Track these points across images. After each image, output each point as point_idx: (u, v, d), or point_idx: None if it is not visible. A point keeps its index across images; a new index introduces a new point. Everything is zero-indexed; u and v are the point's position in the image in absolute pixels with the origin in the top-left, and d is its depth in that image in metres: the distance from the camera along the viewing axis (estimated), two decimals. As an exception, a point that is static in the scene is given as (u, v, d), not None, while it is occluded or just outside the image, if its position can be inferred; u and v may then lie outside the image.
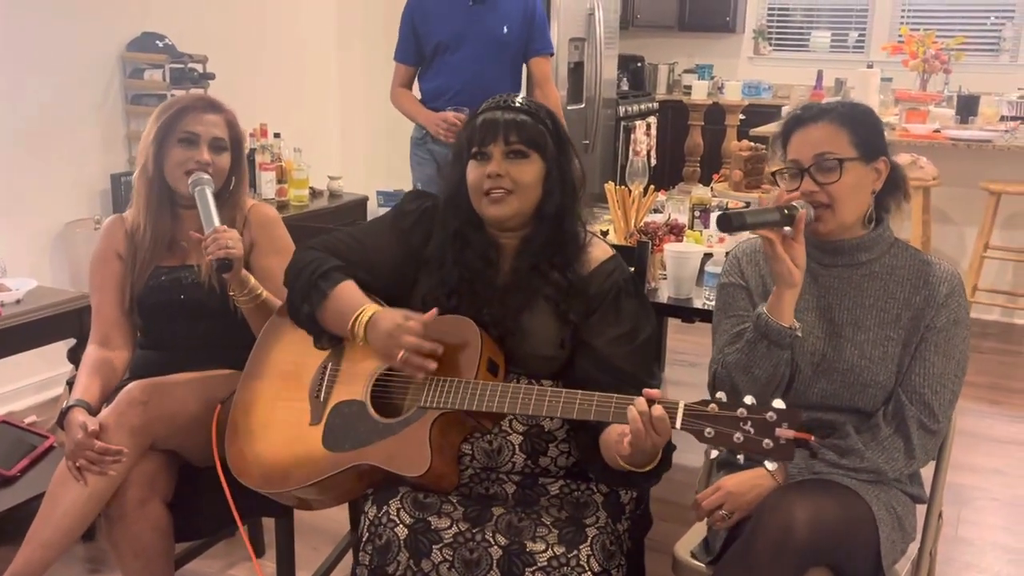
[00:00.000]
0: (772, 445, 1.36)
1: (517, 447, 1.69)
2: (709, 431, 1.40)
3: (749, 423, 1.38)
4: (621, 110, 6.30)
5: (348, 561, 2.25)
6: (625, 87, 6.82)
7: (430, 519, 1.59)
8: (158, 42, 3.80)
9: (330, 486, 1.68)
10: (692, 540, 1.83)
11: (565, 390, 1.57)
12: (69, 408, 1.86)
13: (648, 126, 5.30)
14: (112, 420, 1.80)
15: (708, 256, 2.42)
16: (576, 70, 5.62)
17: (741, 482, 1.68)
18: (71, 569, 2.48)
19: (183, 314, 2.04)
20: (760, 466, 1.66)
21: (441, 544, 1.57)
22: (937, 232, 4.79)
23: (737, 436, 1.38)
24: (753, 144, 3.55)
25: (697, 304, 2.36)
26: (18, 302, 2.56)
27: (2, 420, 2.53)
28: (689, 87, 5.28)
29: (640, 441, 1.43)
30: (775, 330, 1.62)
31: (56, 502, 1.78)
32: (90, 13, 3.63)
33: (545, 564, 1.53)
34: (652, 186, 2.74)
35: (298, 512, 1.95)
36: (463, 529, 1.58)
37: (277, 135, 4.20)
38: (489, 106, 1.74)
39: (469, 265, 1.74)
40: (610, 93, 6.12)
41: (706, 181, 3.74)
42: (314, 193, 4.32)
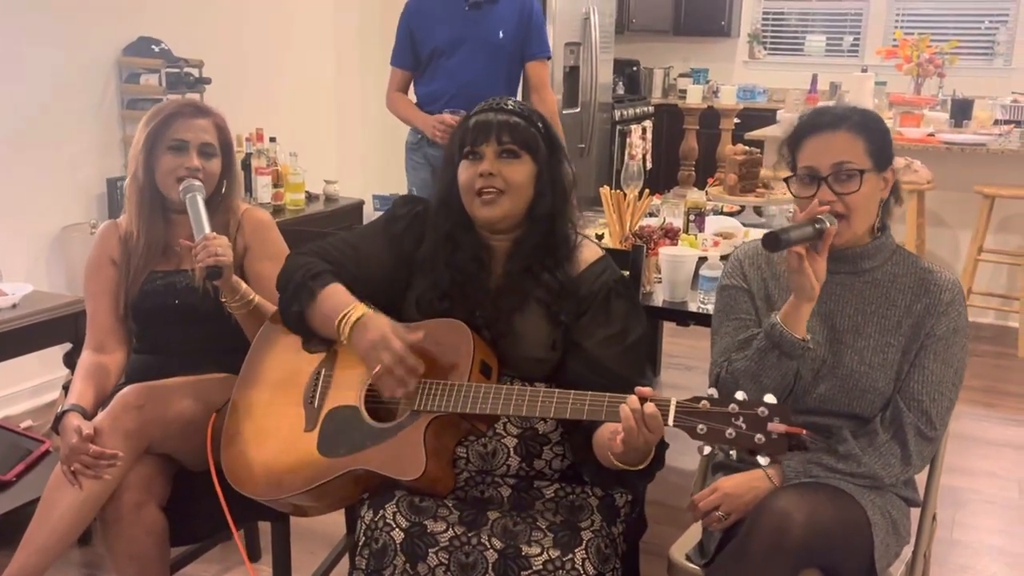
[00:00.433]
0: (764, 440, 1.37)
1: (512, 450, 1.69)
2: (701, 427, 1.40)
3: (741, 418, 1.38)
4: (616, 114, 6.32)
5: (344, 565, 2.26)
6: (620, 91, 6.84)
7: (426, 523, 1.59)
8: (154, 47, 3.80)
9: (325, 492, 1.67)
10: (687, 543, 1.83)
11: (558, 390, 1.57)
12: (64, 412, 1.86)
13: (643, 130, 5.30)
14: (107, 424, 1.80)
15: (703, 260, 2.43)
16: (572, 74, 5.64)
17: (738, 484, 1.68)
18: (67, 573, 2.48)
19: (177, 318, 2.04)
20: (756, 468, 1.67)
21: (437, 548, 1.57)
22: (932, 236, 4.81)
23: (729, 432, 1.38)
24: (748, 148, 3.55)
25: (692, 307, 2.37)
26: (14, 306, 2.55)
27: (-2, 425, 2.53)
28: (684, 91, 5.27)
29: (633, 439, 1.44)
30: (788, 341, 1.62)
31: (51, 506, 1.78)
32: (86, 17, 3.63)
33: (540, 567, 1.53)
34: (647, 190, 2.74)
35: (294, 517, 1.95)
36: (459, 533, 1.58)
37: (273, 139, 4.20)
38: (482, 108, 1.75)
39: (461, 268, 1.74)
40: (606, 97, 6.14)
41: (701, 185, 3.75)
42: (310, 197, 4.32)
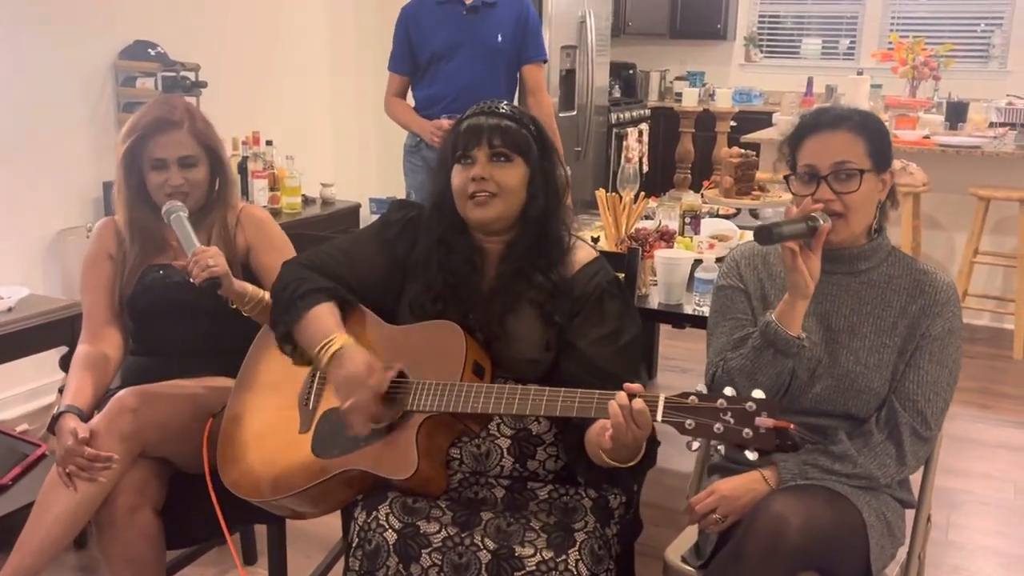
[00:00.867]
0: (752, 434, 1.37)
1: (505, 451, 1.70)
2: (690, 423, 1.40)
3: (729, 413, 1.38)
4: (613, 117, 6.32)
5: (340, 568, 2.25)
6: (617, 94, 6.85)
7: (419, 524, 1.59)
8: (150, 50, 3.79)
9: (320, 493, 1.68)
10: (683, 544, 1.83)
11: (548, 388, 1.57)
12: (60, 414, 1.86)
13: (640, 133, 5.31)
14: (103, 427, 1.80)
15: (698, 262, 2.44)
16: (568, 77, 5.64)
17: (735, 487, 1.68)
18: (62, 577, 2.48)
19: (174, 314, 2.04)
20: (751, 469, 1.67)
21: (430, 549, 1.57)
22: (927, 238, 4.82)
23: (717, 427, 1.39)
24: (744, 151, 3.56)
25: (688, 310, 2.37)
26: (10, 310, 2.55)
27: (-7, 428, 2.53)
28: (680, 94, 5.29)
29: (621, 435, 1.44)
30: (783, 339, 1.62)
31: (46, 509, 1.78)
32: (82, 21, 3.63)
33: (534, 568, 1.53)
34: (643, 193, 2.76)
35: (290, 520, 1.94)
36: (452, 534, 1.58)
37: (269, 143, 4.20)
38: (473, 112, 1.76)
39: (454, 270, 1.75)
40: (602, 100, 6.14)
41: (697, 188, 3.76)
42: (306, 200, 4.32)
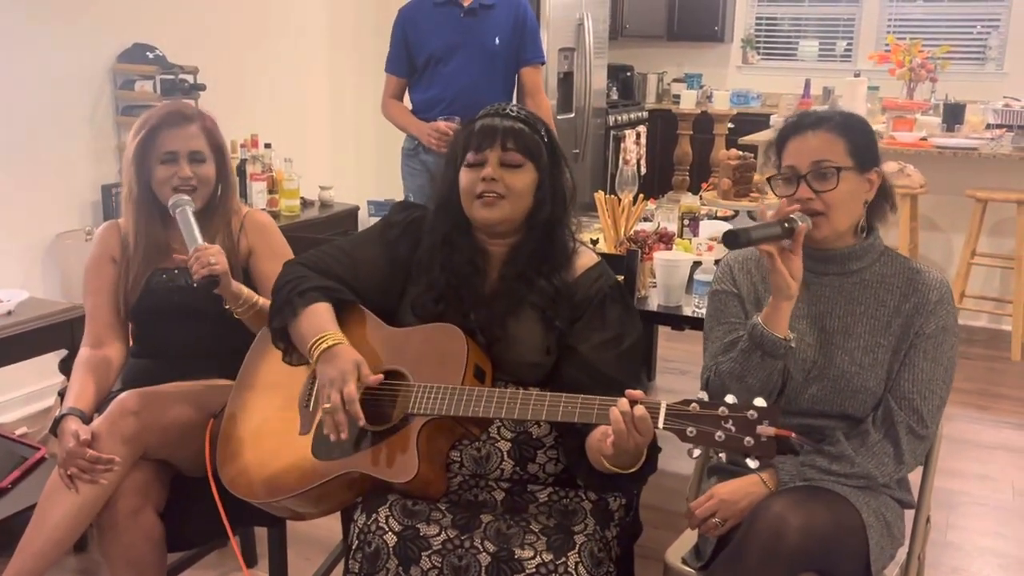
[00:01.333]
0: (753, 443, 1.37)
1: (505, 454, 1.70)
2: (691, 430, 1.40)
3: (730, 421, 1.39)
4: (611, 119, 6.32)
5: (340, 570, 2.25)
6: (615, 96, 6.85)
7: (419, 526, 1.60)
8: (149, 53, 3.80)
9: (320, 495, 1.68)
10: (683, 546, 1.84)
11: (549, 394, 1.57)
12: (62, 416, 1.86)
13: (637, 135, 5.34)
14: (104, 429, 1.81)
15: (697, 264, 2.44)
16: (566, 80, 5.65)
17: (734, 490, 1.69)
18: (62, 580, 2.48)
19: (177, 317, 2.04)
20: (751, 473, 1.68)
21: (430, 551, 1.57)
22: (925, 239, 4.83)
23: (719, 434, 1.39)
24: (741, 153, 3.57)
25: (687, 312, 2.38)
26: (9, 313, 2.55)
27: (-8, 432, 2.53)
28: (678, 96, 5.30)
29: (623, 441, 1.44)
30: (770, 341, 1.63)
31: (47, 512, 1.78)
32: (81, 24, 3.63)
33: (533, 571, 1.54)
34: (641, 195, 2.76)
35: (291, 522, 1.95)
36: (452, 536, 1.59)
37: (268, 145, 4.21)
38: (487, 113, 1.76)
39: (456, 271, 1.75)
40: (600, 102, 6.14)
41: (695, 190, 3.77)
42: (305, 203, 4.32)
